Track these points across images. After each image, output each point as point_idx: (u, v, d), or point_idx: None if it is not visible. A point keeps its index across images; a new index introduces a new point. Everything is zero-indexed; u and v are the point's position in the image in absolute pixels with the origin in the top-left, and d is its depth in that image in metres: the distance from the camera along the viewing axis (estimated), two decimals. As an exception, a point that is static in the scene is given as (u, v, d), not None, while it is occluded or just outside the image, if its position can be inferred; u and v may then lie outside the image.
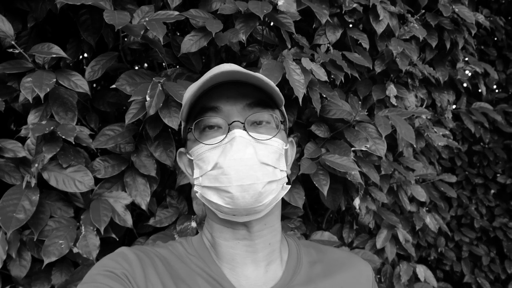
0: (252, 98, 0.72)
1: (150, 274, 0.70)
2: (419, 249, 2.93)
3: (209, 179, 0.70)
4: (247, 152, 0.68)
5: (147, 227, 1.42)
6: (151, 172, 1.30)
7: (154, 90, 1.18)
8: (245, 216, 0.72)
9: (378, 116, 1.56)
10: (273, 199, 0.72)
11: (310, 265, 0.81)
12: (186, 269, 0.73)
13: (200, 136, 0.72)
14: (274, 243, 0.78)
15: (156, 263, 0.72)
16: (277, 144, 0.73)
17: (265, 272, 0.76)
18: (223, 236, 0.76)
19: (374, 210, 1.68)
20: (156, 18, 1.24)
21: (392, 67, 1.68)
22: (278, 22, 1.34)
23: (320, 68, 1.35)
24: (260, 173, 0.68)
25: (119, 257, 0.71)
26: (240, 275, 0.75)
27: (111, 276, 0.66)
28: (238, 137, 0.68)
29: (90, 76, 1.29)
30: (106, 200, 1.24)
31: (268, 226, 0.76)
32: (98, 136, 1.28)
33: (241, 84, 0.71)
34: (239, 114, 0.71)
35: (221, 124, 0.71)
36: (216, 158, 0.69)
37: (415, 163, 1.72)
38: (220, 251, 0.76)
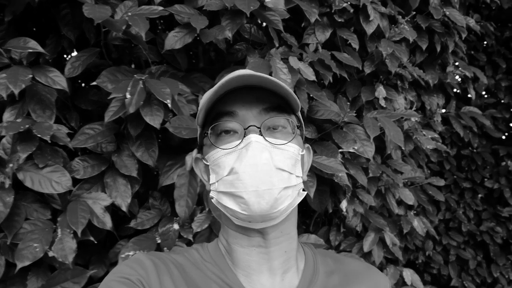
0: (268, 103, 0.71)
1: (165, 281, 0.69)
2: (407, 252, 2.92)
3: (224, 185, 0.69)
4: (262, 157, 0.67)
5: (128, 229, 1.37)
6: (132, 172, 1.26)
7: (135, 88, 1.14)
8: (260, 222, 0.70)
9: (366, 117, 1.54)
10: (289, 206, 0.71)
11: (327, 275, 0.79)
12: (202, 276, 0.73)
13: (216, 141, 0.71)
14: (290, 250, 0.76)
15: (171, 270, 0.71)
16: (293, 150, 0.72)
17: (281, 280, 0.75)
18: (238, 243, 0.75)
19: (362, 213, 1.66)
20: (139, 13, 1.20)
21: (381, 69, 1.65)
22: (266, 19, 1.30)
23: (308, 67, 1.32)
24: (275, 179, 0.67)
25: (135, 264, 0.70)
26: (256, 282, 0.73)
27: (126, 283, 0.66)
28: (254, 142, 0.67)
29: (69, 73, 1.25)
30: (84, 202, 1.19)
31: (284, 233, 0.75)
32: (77, 135, 1.23)
33: (257, 89, 0.70)
34: (255, 118, 0.70)
35: (237, 129, 0.70)
36: (232, 163, 0.68)
37: (403, 165, 1.70)
38: (235, 257, 0.75)
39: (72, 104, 1.40)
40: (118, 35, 1.26)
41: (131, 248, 1.25)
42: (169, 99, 1.14)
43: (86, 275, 1.20)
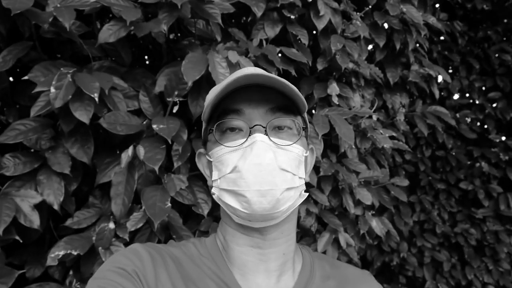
0: (275, 103, 0.71)
1: (160, 274, 0.69)
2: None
3: (227, 182, 0.70)
4: (267, 157, 0.67)
5: (67, 229, 1.33)
6: (65, 169, 1.22)
7: (62, 82, 1.11)
8: (261, 222, 0.70)
9: (317, 115, 1.51)
10: (290, 206, 0.71)
11: (323, 280, 0.79)
12: (198, 271, 0.73)
13: (221, 138, 0.72)
14: (288, 253, 0.76)
15: (168, 263, 0.71)
16: (298, 151, 0.72)
17: (277, 282, 0.74)
18: (236, 241, 0.74)
19: (316, 212, 1.62)
20: (69, 4, 1.17)
21: (336, 65, 1.63)
22: (204, 12, 1.27)
23: (249, 61, 1.29)
24: (278, 179, 0.67)
25: (132, 254, 0.70)
26: (251, 282, 0.73)
27: (122, 273, 0.66)
28: (259, 141, 0.67)
29: (0, 67, 1.21)
30: (11, 199, 1.15)
31: (284, 234, 0.75)
32: (7, 130, 1.19)
33: (264, 88, 0.70)
34: (261, 118, 0.70)
35: (243, 127, 0.70)
36: (236, 161, 0.68)
37: (358, 165, 1.66)
38: (231, 255, 0.75)
39: (12, 100, 1.37)
40: (51, 28, 1.22)
41: (62, 247, 1.21)
42: (96, 93, 1.11)
43: (14, 275, 1.16)
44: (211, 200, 1.40)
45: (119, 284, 0.64)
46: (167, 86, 1.31)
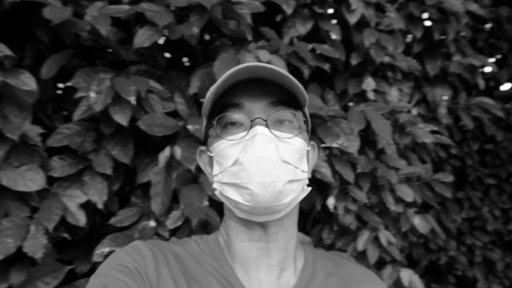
0: (275, 96, 0.71)
1: (162, 271, 0.70)
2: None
3: (228, 176, 0.70)
4: (268, 149, 0.66)
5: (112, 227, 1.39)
6: (107, 170, 1.28)
7: (101, 87, 1.16)
8: (263, 215, 0.70)
9: (352, 111, 1.49)
10: (293, 200, 0.71)
11: (325, 278, 0.79)
12: (200, 269, 0.73)
13: (222, 132, 0.72)
14: (289, 248, 0.77)
15: (169, 261, 0.72)
16: (299, 144, 0.72)
17: (278, 278, 0.75)
18: (238, 236, 0.75)
19: (355, 210, 1.60)
20: (106, 12, 1.22)
21: (370, 60, 1.60)
22: (234, 13, 1.29)
23: (280, 60, 1.29)
24: (281, 171, 0.67)
25: (133, 251, 0.71)
26: (253, 278, 0.74)
27: (124, 271, 0.66)
28: (260, 134, 0.67)
29: (46, 74, 1.29)
30: (59, 199, 1.22)
31: (284, 229, 0.75)
32: (53, 134, 1.27)
33: (265, 82, 0.70)
34: (262, 111, 0.70)
35: (243, 121, 0.70)
36: (237, 154, 0.68)
37: (397, 161, 1.62)
38: (234, 251, 0.75)
39: (57, 105, 1.45)
40: (90, 36, 1.28)
41: (107, 244, 1.26)
42: (133, 96, 1.15)
43: (64, 270, 1.23)
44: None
45: (121, 281, 0.64)
46: (201, 87, 1.34)
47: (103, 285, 0.63)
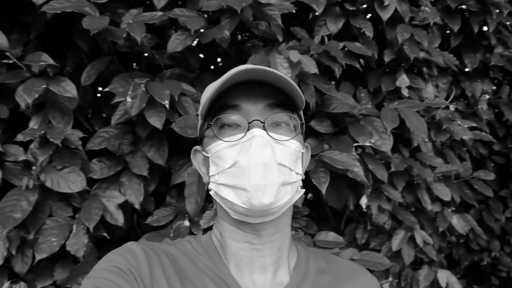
0: (273, 99, 0.71)
1: (156, 272, 0.69)
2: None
3: (226, 177, 0.70)
4: (265, 152, 0.67)
5: (149, 226, 1.44)
6: (143, 172, 1.32)
7: (136, 91, 1.20)
8: (258, 217, 0.71)
9: (385, 108, 1.46)
10: (287, 202, 0.71)
11: (318, 274, 0.80)
12: (194, 269, 0.73)
13: (219, 133, 0.72)
14: (283, 248, 0.77)
15: (163, 261, 0.72)
16: (295, 146, 0.72)
17: (272, 277, 0.76)
18: (232, 237, 0.75)
19: (389, 209, 1.57)
20: (140, 20, 1.26)
21: (404, 56, 1.56)
22: (265, 15, 1.30)
23: (310, 60, 1.29)
24: (276, 174, 0.68)
25: (126, 252, 0.70)
26: (247, 277, 0.74)
27: (117, 272, 0.66)
28: (257, 136, 0.68)
29: (85, 81, 1.35)
30: (98, 200, 1.28)
31: (279, 230, 0.75)
32: (93, 138, 1.33)
33: (262, 84, 0.70)
34: (259, 113, 0.70)
35: (241, 123, 0.71)
36: (234, 156, 0.69)
37: (433, 159, 1.58)
38: (228, 251, 0.76)
39: (97, 110, 1.51)
40: (125, 43, 1.33)
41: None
42: (167, 100, 1.19)
43: (104, 268, 1.29)
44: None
45: (114, 283, 0.64)
46: (232, 89, 1.35)
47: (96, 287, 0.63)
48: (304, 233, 1.49)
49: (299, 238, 1.39)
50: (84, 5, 1.23)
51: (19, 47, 1.41)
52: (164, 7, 1.33)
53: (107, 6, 1.36)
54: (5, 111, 1.31)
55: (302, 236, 1.41)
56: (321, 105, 1.44)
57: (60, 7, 1.19)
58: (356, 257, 1.43)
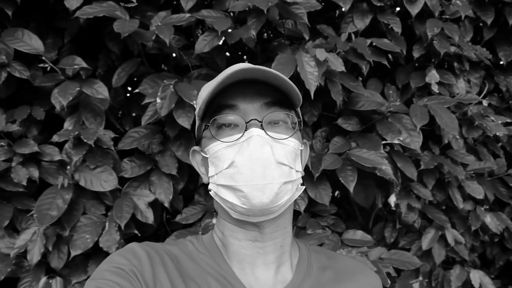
0: (269, 97, 0.71)
1: (159, 272, 0.69)
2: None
3: (224, 178, 0.70)
4: (264, 151, 0.67)
5: (178, 224, 1.47)
6: (172, 171, 1.35)
7: (165, 92, 1.23)
8: (259, 216, 0.71)
9: (414, 105, 1.44)
10: (288, 200, 0.71)
11: (320, 271, 0.80)
12: (197, 268, 0.73)
13: (217, 134, 0.71)
14: (285, 245, 0.77)
15: (165, 261, 0.72)
16: (294, 144, 0.72)
17: (275, 274, 0.76)
18: (234, 236, 0.75)
19: (419, 208, 1.55)
20: (168, 22, 1.29)
21: (434, 51, 1.52)
22: (290, 13, 1.30)
23: (337, 58, 1.28)
24: (276, 173, 0.67)
25: (129, 253, 0.70)
26: (250, 275, 0.74)
27: (119, 273, 0.66)
28: (255, 135, 0.67)
29: (116, 83, 1.39)
30: (130, 198, 1.31)
31: (280, 228, 0.76)
32: (124, 138, 1.36)
33: (258, 82, 0.70)
34: (256, 112, 0.70)
35: (238, 122, 0.70)
36: (233, 156, 0.68)
37: (465, 156, 1.54)
38: (230, 250, 0.76)
39: (127, 110, 1.55)
40: (155, 45, 1.35)
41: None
42: (195, 100, 1.21)
43: (136, 265, 1.33)
44: (307, 196, 1.42)
45: (117, 283, 0.63)
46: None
47: None
48: (332, 231, 1.49)
49: (327, 236, 1.39)
50: (114, 9, 1.27)
51: (54, 51, 1.47)
52: (192, 8, 1.35)
53: (137, 10, 1.39)
54: (41, 113, 1.36)
55: (330, 235, 1.41)
56: (348, 103, 1.43)
57: (92, 12, 1.23)
58: (384, 256, 1.41)
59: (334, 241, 1.39)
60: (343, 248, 1.36)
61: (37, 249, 1.22)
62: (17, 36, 1.31)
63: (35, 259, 1.21)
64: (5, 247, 1.30)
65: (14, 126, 1.32)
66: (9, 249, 1.27)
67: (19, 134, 1.38)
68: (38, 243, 1.23)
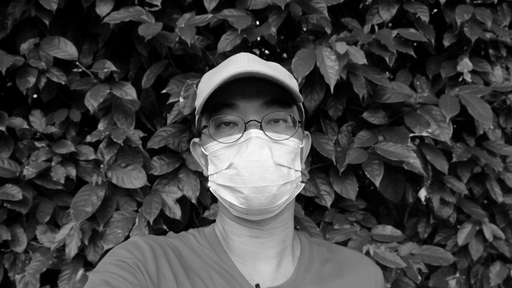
0: (269, 96, 0.71)
1: (162, 265, 0.70)
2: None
3: (223, 178, 0.71)
4: (263, 153, 0.67)
5: (206, 220, 1.51)
6: (199, 168, 1.38)
7: (188, 92, 1.26)
8: (258, 215, 0.72)
9: (444, 96, 1.39)
10: (287, 199, 0.73)
11: (322, 264, 0.82)
12: (199, 261, 0.74)
13: (215, 133, 0.72)
14: (287, 240, 0.79)
15: (168, 254, 0.73)
16: (293, 144, 0.72)
17: (277, 267, 0.77)
18: (235, 232, 0.77)
19: (454, 202, 1.49)
20: (192, 23, 1.32)
21: (466, 39, 1.45)
22: (311, 8, 1.30)
23: (359, 50, 1.26)
24: (275, 175, 0.68)
25: (132, 247, 0.71)
26: (252, 269, 0.76)
27: (123, 266, 0.67)
28: (254, 137, 0.68)
29: (145, 84, 1.44)
30: (158, 195, 1.36)
31: (282, 223, 0.77)
32: (152, 137, 1.41)
33: (258, 80, 0.70)
34: (255, 112, 0.70)
35: (237, 122, 0.71)
36: (232, 157, 0.69)
37: (503, 147, 1.46)
38: (231, 245, 0.77)
39: (158, 110, 1.61)
40: (178, 46, 1.40)
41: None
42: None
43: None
44: (333, 191, 1.41)
45: (121, 276, 0.64)
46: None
47: (103, 281, 0.63)
48: (361, 226, 1.47)
49: (354, 232, 1.37)
50: (140, 13, 1.32)
51: (90, 56, 1.56)
52: (215, 8, 1.38)
53: (164, 13, 1.44)
54: (78, 115, 1.45)
55: (358, 230, 1.39)
56: (374, 96, 1.40)
57: (119, 17, 1.29)
58: (415, 252, 1.37)
59: (362, 236, 1.37)
60: (371, 243, 1.33)
61: (74, 243, 1.30)
62: (54, 44, 1.40)
63: (72, 253, 1.29)
64: (47, 241, 1.39)
65: (53, 128, 1.41)
66: (51, 243, 1.36)
67: (59, 135, 1.48)
68: (75, 238, 1.31)
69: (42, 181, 1.40)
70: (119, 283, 0.63)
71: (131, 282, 0.64)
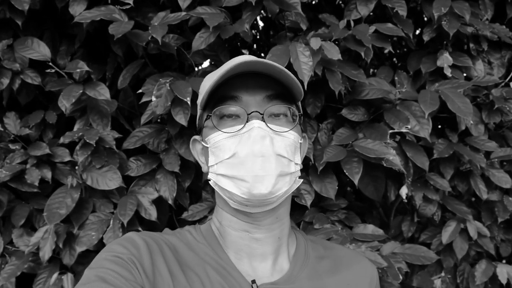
0: (272, 90, 0.73)
1: (157, 261, 0.70)
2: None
3: (225, 168, 0.71)
4: (264, 143, 0.69)
5: (185, 221, 1.48)
6: (175, 168, 1.36)
7: (161, 91, 1.24)
8: (257, 207, 0.72)
9: (424, 91, 1.37)
10: (286, 192, 0.73)
11: (317, 261, 0.82)
12: (195, 258, 0.74)
13: (218, 124, 0.73)
14: (283, 237, 0.79)
15: (164, 250, 0.73)
16: (293, 137, 0.74)
17: (273, 264, 0.77)
18: (232, 226, 0.77)
19: (437, 200, 1.46)
20: (165, 21, 1.31)
21: (445, 33, 1.43)
22: (284, 4, 1.28)
23: (333, 46, 1.24)
24: (275, 165, 0.69)
25: (127, 242, 0.71)
26: (247, 265, 0.76)
27: (118, 262, 0.66)
28: (256, 127, 0.69)
29: (121, 84, 1.42)
30: (134, 196, 1.34)
31: (279, 220, 0.77)
32: (128, 138, 1.40)
33: (260, 75, 0.72)
34: (258, 105, 0.72)
35: (240, 114, 0.72)
36: (234, 147, 0.70)
37: (486, 143, 1.43)
38: (228, 240, 0.77)
39: (138, 111, 1.59)
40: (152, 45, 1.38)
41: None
42: (188, 96, 1.21)
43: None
44: (313, 191, 1.39)
45: (116, 272, 0.64)
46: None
47: (98, 277, 0.63)
48: (344, 225, 1.44)
49: (335, 231, 1.35)
50: (112, 12, 1.30)
51: (67, 57, 1.54)
52: (190, 6, 1.36)
53: (139, 11, 1.42)
54: (54, 117, 1.43)
55: (339, 230, 1.36)
56: (353, 93, 1.38)
57: (90, 16, 1.28)
58: (397, 251, 1.34)
59: (343, 235, 1.34)
60: (351, 243, 1.30)
61: (48, 246, 1.28)
62: (27, 45, 1.39)
63: (46, 256, 1.27)
64: (23, 245, 1.37)
65: (27, 130, 1.39)
66: (27, 246, 1.34)
67: (35, 137, 1.46)
68: (49, 241, 1.28)
69: (17, 184, 1.37)
70: (114, 279, 0.63)
71: (126, 278, 0.64)
